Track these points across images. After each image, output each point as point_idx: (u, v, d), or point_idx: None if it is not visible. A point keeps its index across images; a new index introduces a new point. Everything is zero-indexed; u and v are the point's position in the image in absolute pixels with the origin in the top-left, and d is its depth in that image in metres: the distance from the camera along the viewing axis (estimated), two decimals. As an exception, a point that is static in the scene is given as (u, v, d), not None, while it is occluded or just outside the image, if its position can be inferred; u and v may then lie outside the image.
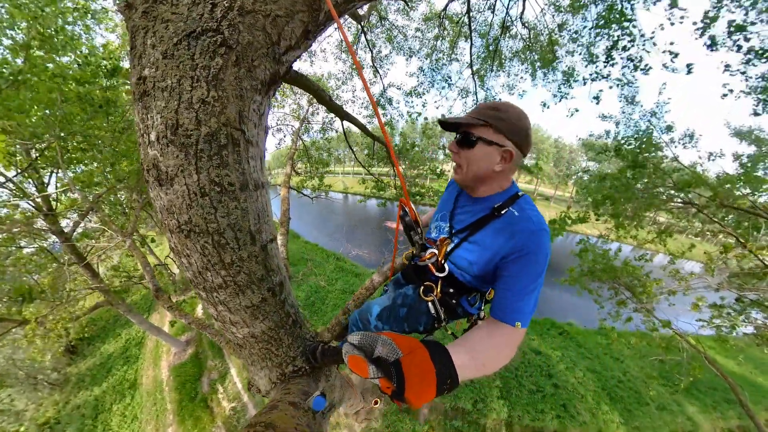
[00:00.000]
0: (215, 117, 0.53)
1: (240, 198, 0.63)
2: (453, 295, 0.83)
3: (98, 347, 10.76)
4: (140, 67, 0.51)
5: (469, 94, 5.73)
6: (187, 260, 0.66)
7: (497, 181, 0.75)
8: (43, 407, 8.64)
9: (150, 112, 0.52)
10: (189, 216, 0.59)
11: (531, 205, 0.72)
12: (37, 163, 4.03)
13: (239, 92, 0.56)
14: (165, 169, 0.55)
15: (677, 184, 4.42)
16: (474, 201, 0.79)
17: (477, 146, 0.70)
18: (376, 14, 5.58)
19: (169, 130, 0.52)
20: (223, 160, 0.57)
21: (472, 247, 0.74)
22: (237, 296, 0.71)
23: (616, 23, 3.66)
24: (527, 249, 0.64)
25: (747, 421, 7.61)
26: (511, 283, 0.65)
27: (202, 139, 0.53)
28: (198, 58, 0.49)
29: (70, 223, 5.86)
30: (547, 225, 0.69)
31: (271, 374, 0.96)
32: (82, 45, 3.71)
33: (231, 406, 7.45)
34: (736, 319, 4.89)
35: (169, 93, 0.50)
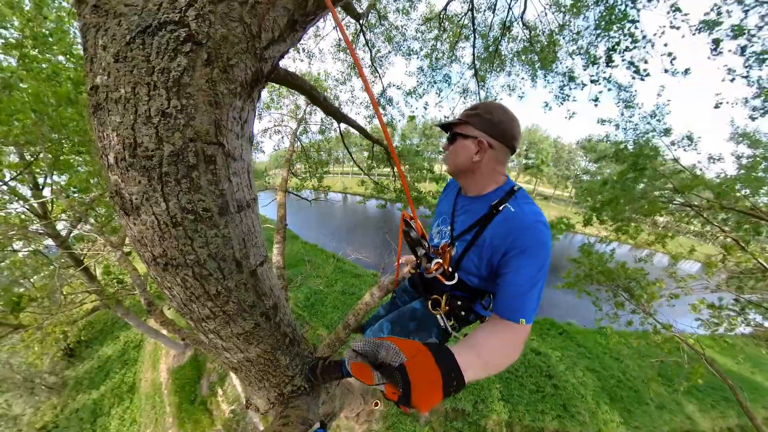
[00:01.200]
0: (179, 132, 0.44)
1: (219, 224, 0.54)
2: (464, 302, 0.83)
3: (96, 350, 10.68)
4: (92, 74, 0.42)
5: (471, 94, 5.68)
6: (169, 292, 0.60)
7: (486, 176, 0.77)
8: (41, 411, 8.57)
9: (105, 129, 0.43)
10: (163, 249, 0.52)
11: (527, 199, 0.73)
12: (32, 168, 3.95)
13: (213, 98, 0.46)
14: (129, 197, 0.47)
15: (677, 187, 4.40)
16: (472, 200, 0.81)
17: (457, 141, 0.77)
18: (375, 13, 5.52)
19: (127, 150, 0.43)
20: (194, 183, 0.48)
21: (477, 248, 0.75)
22: (227, 325, 0.66)
23: (618, 24, 3.60)
24: (525, 244, 0.64)
25: (746, 420, 7.64)
26: (513, 280, 0.65)
27: (165, 161, 0.44)
28: (155, 59, 0.39)
29: (66, 226, 5.79)
30: (544, 217, 0.68)
31: (269, 394, 0.92)
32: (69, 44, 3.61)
33: (231, 409, 7.41)
34: (734, 320, 4.92)
35: (123, 105, 0.41)
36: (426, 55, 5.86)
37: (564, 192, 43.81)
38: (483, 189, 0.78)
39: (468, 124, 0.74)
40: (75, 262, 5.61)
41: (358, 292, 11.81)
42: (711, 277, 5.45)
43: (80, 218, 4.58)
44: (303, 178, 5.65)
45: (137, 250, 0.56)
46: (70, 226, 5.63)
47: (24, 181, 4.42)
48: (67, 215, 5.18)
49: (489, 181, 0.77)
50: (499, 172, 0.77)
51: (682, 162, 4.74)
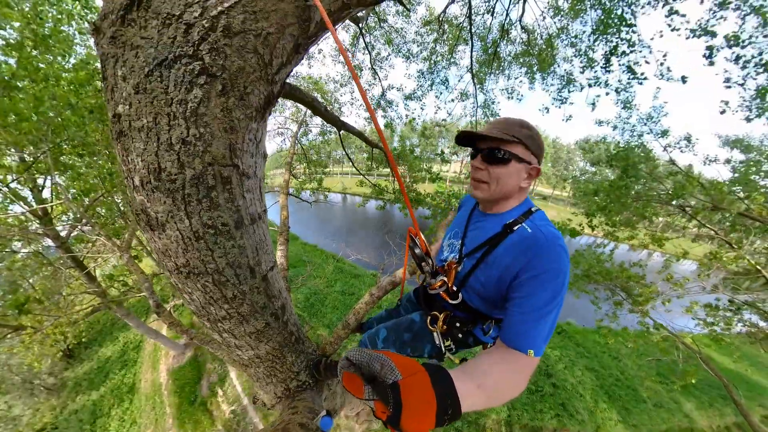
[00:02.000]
0: (199, 158, 0.48)
1: (236, 236, 0.61)
2: (463, 324, 0.80)
3: (96, 351, 10.66)
4: (114, 102, 0.45)
5: (469, 97, 5.73)
6: (188, 296, 0.66)
7: (515, 197, 0.74)
8: (40, 413, 8.54)
9: (130, 155, 0.47)
10: (186, 259, 0.58)
11: (545, 221, 0.69)
12: (33, 170, 3.96)
13: (229, 125, 0.50)
14: (155, 215, 0.52)
15: (671, 191, 4.47)
16: (486, 217, 0.78)
17: (510, 163, 0.68)
18: (374, 16, 5.55)
19: (152, 175, 0.47)
20: (214, 202, 0.54)
21: (484, 268, 0.71)
22: (241, 325, 0.72)
23: (615, 28, 3.66)
24: (540, 267, 0.60)
25: (744, 418, 7.70)
26: (523, 306, 0.60)
27: (188, 183, 0.49)
28: (172, 91, 0.42)
29: (66, 227, 5.79)
30: (563, 240, 0.63)
31: (276, 389, 0.96)
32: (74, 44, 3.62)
33: (231, 409, 7.43)
34: (731, 321, 4.99)
35: (146, 134, 0.45)
36: (425, 58, 5.90)
37: (563, 192, 44.00)
38: (501, 208, 0.75)
39: (522, 144, 0.67)
40: (75, 263, 5.62)
41: (358, 292, 11.84)
42: (707, 279, 5.53)
43: (82, 218, 4.58)
44: (303, 180, 5.69)
45: (160, 261, 0.61)
46: (70, 228, 5.63)
47: (25, 183, 4.42)
48: (68, 217, 5.18)
49: (509, 202, 0.74)
50: (525, 194, 0.75)
51: (680, 163, 4.80)
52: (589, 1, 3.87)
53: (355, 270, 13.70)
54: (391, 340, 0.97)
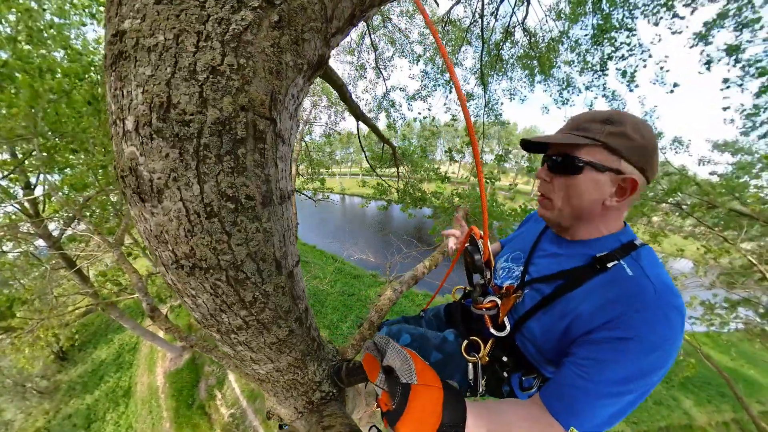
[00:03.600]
0: (230, 96, 0.35)
1: (262, 216, 0.45)
2: (506, 366, 0.63)
3: (90, 353, 10.43)
4: (119, 18, 0.34)
5: (475, 97, 5.73)
6: (192, 301, 0.49)
7: (604, 220, 0.53)
8: (33, 416, 8.32)
9: (127, 85, 0.34)
10: (190, 246, 0.41)
11: (655, 263, 0.49)
12: (24, 165, 3.81)
13: (276, 66, 0.38)
14: (149, 176, 0.36)
15: (665, 190, 4.58)
16: (564, 244, 0.58)
17: (583, 173, 0.49)
18: (380, 15, 5.48)
19: (155, 111, 0.33)
20: (239, 163, 0.39)
21: (551, 312, 0.53)
22: (260, 335, 0.58)
23: (614, 31, 3.70)
24: (635, 329, 0.42)
25: (741, 413, 7.80)
26: (588, 371, 0.44)
27: (207, 129, 0.35)
28: (212, 6, 0.32)
29: (59, 226, 5.61)
30: (681, 297, 0.45)
31: (297, 404, 0.85)
32: (69, 38, 3.50)
33: (230, 413, 7.29)
34: (727, 317, 5.08)
35: (158, 55, 0.32)
36: (429, 58, 5.89)
37: (560, 192, 44.39)
38: (587, 234, 0.54)
39: (600, 145, 0.48)
40: (67, 263, 5.44)
41: (358, 292, 11.75)
42: (703, 276, 5.61)
43: (74, 217, 4.42)
44: (306, 179, 5.62)
45: (152, 249, 0.44)
46: (63, 226, 5.46)
47: (16, 180, 4.25)
48: (60, 215, 5.01)
49: (601, 227, 0.53)
50: (621, 216, 0.54)
51: (676, 163, 4.92)
52: (589, 7, 3.92)
53: (355, 270, 13.61)
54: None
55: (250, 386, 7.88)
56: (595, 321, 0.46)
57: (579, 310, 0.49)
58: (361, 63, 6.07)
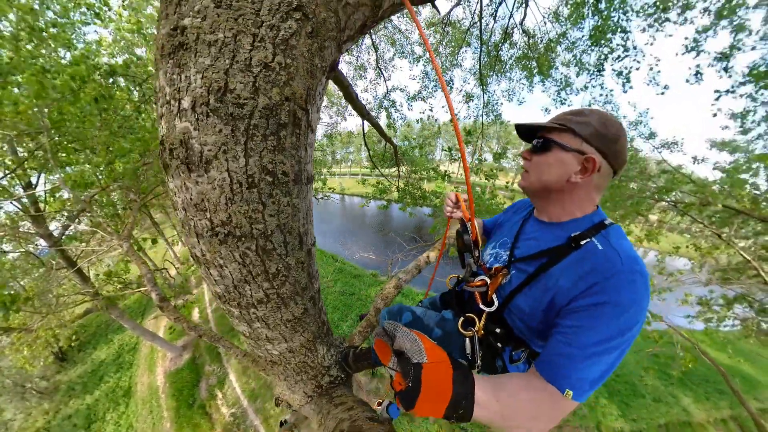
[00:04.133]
0: (278, 87, 0.43)
1: (293, 192, 0.52)
2: (499, 337, 0.68)
3: (89, 354, 10.40)
4: (178, 15, 0.40)
5: (474, 98, 5.81)
6: (218, 272, 0.54)
7: (576, 200, 0.60)
8: (32, 417, 8.29)
9: (186, 71, 0.40)
10: (228, 214, 0.47)
11: (622, 238, 0.55)
12: (27, 164, 3.82)
13: (310, 67, 0.47)
14: (200, 149, 0.42)
15: (662, 187, 4.68)
16: (545, 226, 0.65)
17: (551, 151, 0.59)
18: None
19: (213, 94, 0.40)
20: (281, 143, 0.47)
21: (536, 287, 0.59)
22: (278, 310, 0.62)
23: (611, 33, 3.78)
24: (607, 295, 0.48)
25: (738, 410, 7.87)
26: (573, 337, 0.48)
27: (258, 113, 0.43)
28: (265, 14, 0.40)
29: (59, 226, 5.61)
30: (644, 264, 0.51)
31: (306, 388, 0.88)
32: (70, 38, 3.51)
33: (231, 412, 7.29)
34: (723, 312, 5.16)
35: (218, 49, 0.39)
36: (429, 60, 5.93)
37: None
38: (563, 215, 0.62)
39: (571, 132, 0.57)
40: (68, 262, 5.44)
41: (358, 292, 11.77)
42: (699, 272, 5.69)
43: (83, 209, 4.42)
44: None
45: (187, 220, 0.50)
46: (65, 224, 5.46)
47: (19, 177, 4.26)
48: (62, 214, 5.01)
49: (575, 208, 0.61)
50: (592, 199, 0.60)
51: (673, 162, 5.03)
52: (588, 9, 4.01)
53: (355, 270, 13.64)
54: (417, 328, 0.86)
55: (251, 386, 7.87)
56: (573, 292, 0.51)
57: (559, 284, 0.54)
58: (360, 63, 6.12)
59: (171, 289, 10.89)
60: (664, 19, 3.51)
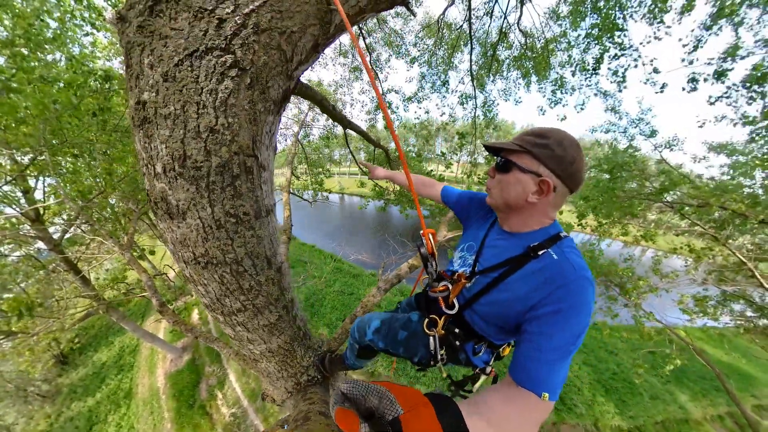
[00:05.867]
0: (226, 146, 0.50)
1: (255, 226, 0.62)
2: (458, 336, 0.74)
3: (90, 356, 10.47)
4: (138, 90, 0.46)
5: (469, 99, 5.82)
6: (204, 288, 0.66)
7: (535, 215, 0.66)
8: (34, 420, 8.37)
9: (153, 142, 0.48)
10: (205, 249, 0.58)
11: (574, 249, 0.61)
12: (27, 172, 3.88)
13: (253, 116, 0.52)
14: (175, 203, 0.52)
15: (660, 187, 4.69)
16: (506, 236, 0.70)
17: (511, 172, 0.64)
18: (375, 18, 5.57)
19: (177, 162, 0.48)
20: (237, 191, 0.55)
21: (497, 293, 0.64)
22: (255, 317, 0.73)
23: (608, 32, 3.78)
24: (565, 301, 0.53)
25: (735, 407, 7.91)
26: (541, 344, 0.53)
27: (213, 171, 0.50)
28: (203, 80, 0.44)
29: (58, 229, 5.67)
30: (591, 273, 0.57)
31: (287, 384, 0.97)
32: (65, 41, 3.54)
33: (231, 412, 7.36)
34: (715, 310, 5.22)
35: (172, 121, 0.45)
36: (426, 61, 5.97)
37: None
38: (523, 227, 0.67)
39: (527, 153, 0.62)
40: (68, 265, 5.51)
41: (356, 291, 11.83)
42: (695, 272, 5.75)
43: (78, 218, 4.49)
44: (306, 182, 5.69)
45: (176, 252, 0.61)
46: (63, 230, 5.52)
47: (18, 183, 4.33)
48: (62, 218, 5.08)
49: (533, 222, 0.66)
50: (548, 215, 0.65)
51: (672, 161, 5.01)
52: (587, 7, 4.00)
53: (354, 270, 13.69)
54: (383, 333, 0.92)
55: (251, 386, 7.94)
56: (533, 299, 0.57)
57: (518, 290, 0.60)
58: (355, 65, 6.15)
59: (171, 291, 10.97)
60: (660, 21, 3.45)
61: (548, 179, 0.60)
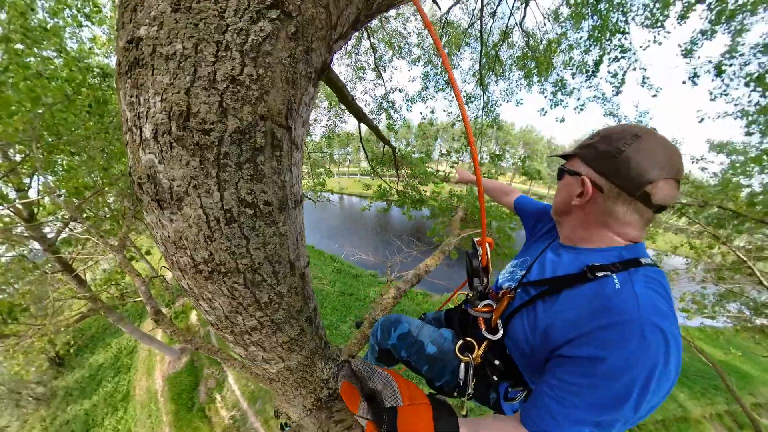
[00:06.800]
0: (250, 106, 0.36)
1: (279, 221, 0.46)
2: (497, 370, 0.63)
3: (87, 358, 10.31)
4: (134, 24, 0.33)
5: (474, 99, 5.82)
6: (208, 305, 0.50)
7: (589, 225, 0.55)
8: (29, 424, 8.21)
9: (144, 93, 0.34)
10: (209, 252, 0.42)
11: (653, 282, 0.45)
12: (21, 168, 3.76)
13: (291, 76, 0.39)
14: (168, 184, 0.37)
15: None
16: (564, 250, 0.60)
17: (563, 177, 0.61)
18: (377, 19, 5.51)
19: (175, 120, 0.34)
20: (258, 170, 0.40)
21: (535, 312, 0.54)
22: (274, 335, 0.60)
23: (610, 34, 3.84)
24: (608, 348, 0.39)
25: (733, 406, 7.98)
26: (563, 393, 0.42)
27: (228, 138, 0.36)
28: (230, 16, 0.33)
29: (54, 229, 5.53)
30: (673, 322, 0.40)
31: (305, 402, 0.87)
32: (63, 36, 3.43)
33: (230, 415, 7.26)
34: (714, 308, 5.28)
35: (177, 63, 0.33)
36: (429, 60, 5.95)
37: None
38: (581, 240, 0.57)
39: (578, 156, 0.57)
40: (63, 266, 5.37)
41: (357, 292, 11.76)
42: (695, 270, 5.80)
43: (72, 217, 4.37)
44: (307, 181, 5.61)
45: (168, 256, 0.45)
46: (58, 229, 5.38)
47: (11, 181, 4.19)
48: (56, 218, 4.94)
49: (592, 234, 0.55)
50: (614, 228, 0.52)
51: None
52: (588, 9, 4.04)
53: (354, 270, 13.61)
54: (409, 341, 0.82)
55: (251, 388, 7.84)
56: (572, 332, 0.44)
57: (559, 314, 0.49)
58: (359, 65, 6.10)
59: (168, 293, 10.81)
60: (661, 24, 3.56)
61: (585, 177, 0.53)
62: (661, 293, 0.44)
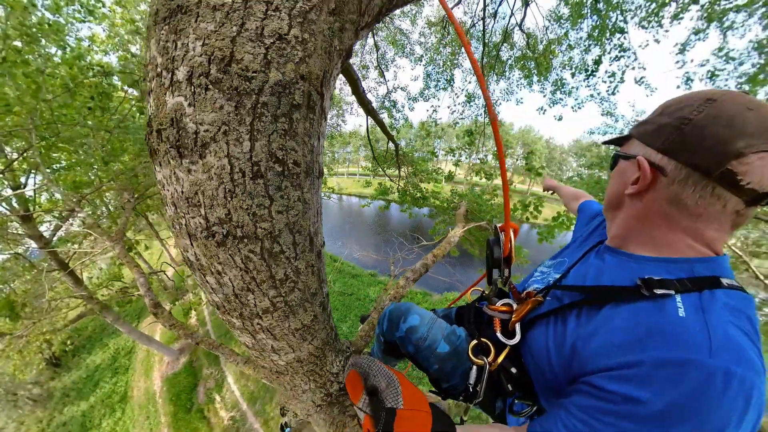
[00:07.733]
0: (293, 64, 0.37)
1: (304, 186, 0.45)
2: (513, 378, 0.55)
3: (84, 359, 10.21)
4: None
5: (475, 98, 5.85)
6: (216, 279, 0.45)
7: (647, 222, 0.42)
8: (25, 426, 8.10)
9: (183, 38, 0.34)
10: (228, 210, 0.39)
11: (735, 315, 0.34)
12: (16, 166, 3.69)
13: (328, 47, 0.42)
14: (195, 128, 0.35)
15: None
16: (613, 254, 0.48)
17: (618, 164, 0.47)
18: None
19: (215, 64, 0.34)
20: (293, 126, 0.39)
21: (569, 326, 0.44)
22: (286, 319, 0.55)
23: (610, 33, 3.88)
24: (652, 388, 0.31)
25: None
26: (580, 424, 0.35)
27: (268, 89, 0.36)
28: None
29: (50, 227, 5.47)
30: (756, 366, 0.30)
31: (315, 397, 0.82)
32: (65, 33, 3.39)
33: (230, 416, 7.18)
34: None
35: (225, 14, 0.34)
36: (431, 59, 5.98)
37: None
38: (638, 244, 0.45)
39: (636, 137, 0.44)
40: (59, 264, 5.30)
41: (356, 292, 11.71)
42: None
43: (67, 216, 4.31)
44: None
45: (177, 217, 0.42)
46: (54, 229, 5.32)
47: (6, 178, 4.14)
48: (53, 215, 4.88)
49: (653, 234, 0.42)
50: (683, 225, 0.39)
51: None
52: (587, 9, 4.08)
53: (354, 270, 13.57)
54: (420, 335, 0.74)
55: (250, 388, 7.76)
56: (609, 359, 0.35)
57: (596, 335, 0.39)
58: (363, 63, 6.11)
59: (168, 292, 10.71)
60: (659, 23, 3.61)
61: (642, 157, 0.40)
62: (747, 330, 0.33)
